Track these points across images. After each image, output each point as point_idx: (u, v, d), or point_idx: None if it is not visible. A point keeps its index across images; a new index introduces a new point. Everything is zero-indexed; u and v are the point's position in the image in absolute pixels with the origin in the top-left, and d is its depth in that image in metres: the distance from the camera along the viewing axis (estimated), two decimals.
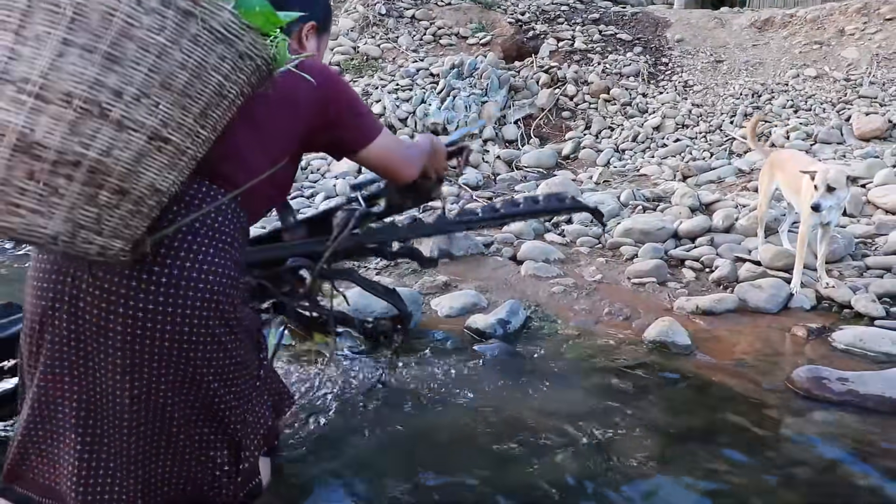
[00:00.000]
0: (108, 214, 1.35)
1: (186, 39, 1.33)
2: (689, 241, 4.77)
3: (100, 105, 1.27)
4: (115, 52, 1.26)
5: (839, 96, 7.85)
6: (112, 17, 1.25)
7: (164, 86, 1.33)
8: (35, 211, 1.28)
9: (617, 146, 7.70)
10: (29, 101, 1.23)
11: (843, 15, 9.60)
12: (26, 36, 1.23)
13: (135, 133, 1.32)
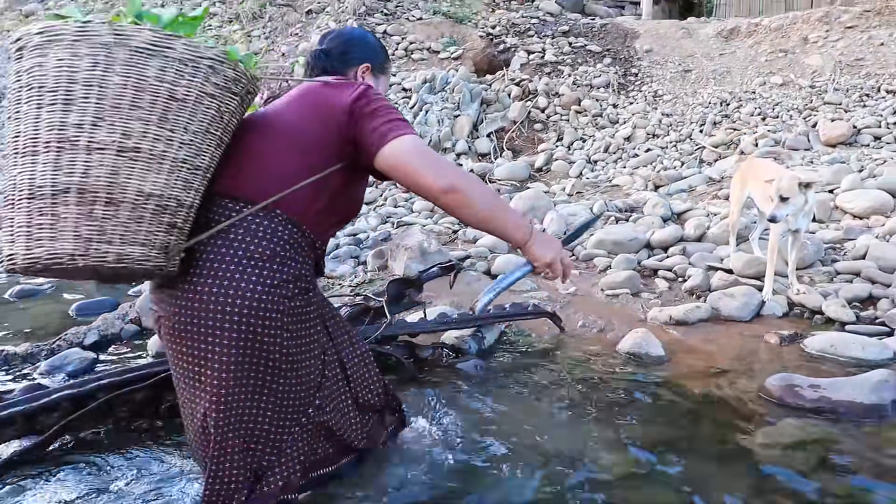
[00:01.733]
0: (109, 224, 1.60)
1: (120, 63, 1.60)
2: (661, 250, 4.81)
3: (68, 139, 1.57)
4: (68, 96, 1.58)
5: (805, 103, 7.96)
6: (59, 72, 1.59)
7: (114, 107, 1.60)
8: (50, 238, 1.57)
9: (589, 157, 7.75)
10: (28, 159, 1.60)
11: (806, 23, 9.75)
12: (19, 117, 1.62)
13: (104, 152, 1.59)
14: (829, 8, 10.15)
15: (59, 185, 1.57)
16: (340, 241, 5.38)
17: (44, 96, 1.60)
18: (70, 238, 1.58)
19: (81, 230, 1.58)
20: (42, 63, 1.61)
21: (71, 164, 1.58)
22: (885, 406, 2.66)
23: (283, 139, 1.87)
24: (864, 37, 9.07)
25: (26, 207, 1.59)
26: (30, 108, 1.62)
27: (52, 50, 1.60)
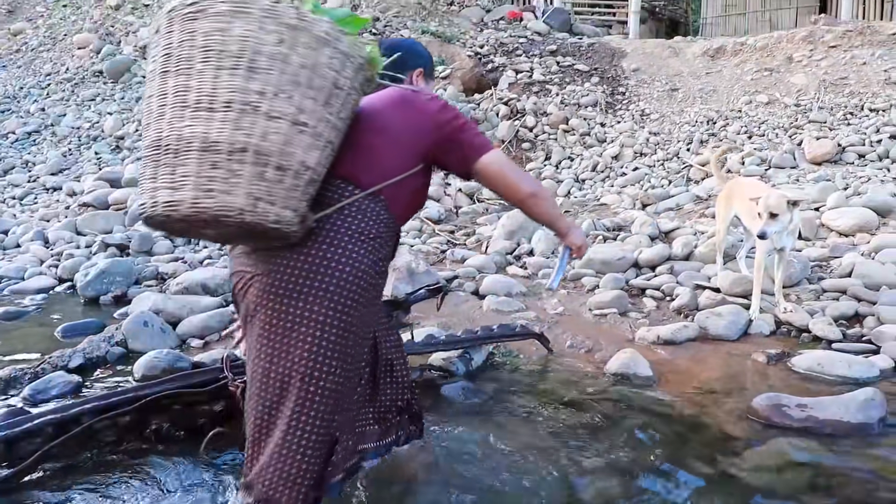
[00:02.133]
0: (276, 188, 1.76)
1: (300, 46, 1.77)
2: (649, 269, 4.82)
3: (256, 105, 1.73)
4: (254, 65, 1.73)
5: (790, 121, 8.02)
6: (250, 42, 1.73)
7: (293, 83, 1.77)
8: (223, 191, 1.70)
9: (577, 176, 7.77)
10: (202, 114, 1.72)
11: (791, 43, 9.85)
12: (192, 73, 1.73)
13: (281, 121, 1.76)
14: (812, 28, 10.25)
15: (238, 143, 1.71)
16: None
17: (225, 60, 1.72)
18: (242, 194, 1.71)
19: (252, 189, 1.72)
20: (225, 30, 1.73)
21: (251, 127, 1.72)
22: (872, 425, 2.66)
23: (387, 136, 2.08)
24: (848, 56, 9.16)
25: (196, 159, 1.71)
26: (206, 68, 1.73)
27: (239, 20, 1.73)
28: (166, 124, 1.75)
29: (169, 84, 1.77)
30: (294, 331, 1.93)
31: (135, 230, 6.77)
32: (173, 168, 1.73)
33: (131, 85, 12.14)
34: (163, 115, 1.77)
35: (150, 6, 14.51)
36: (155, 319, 4.09)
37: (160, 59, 1.80)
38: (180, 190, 1.71)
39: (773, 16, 14.36)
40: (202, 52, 1.73)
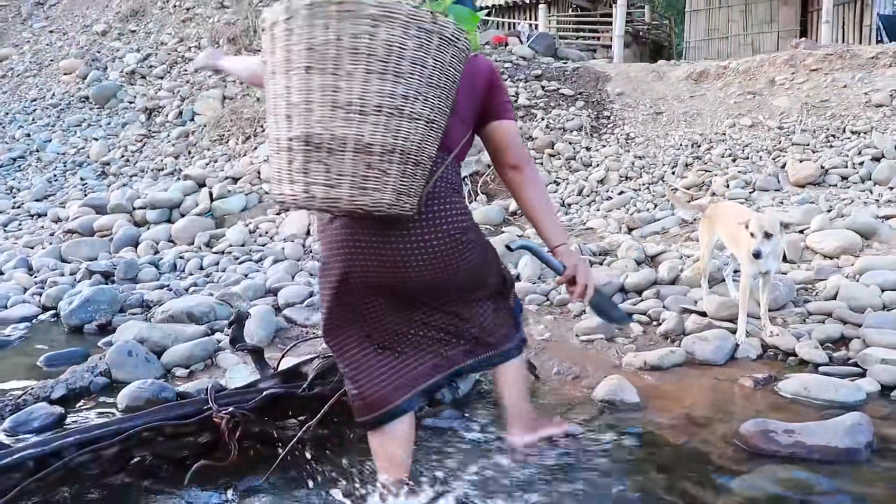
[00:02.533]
0: (413, 181, 1.99)
1: (434, 49, 1.91)
2: (635, 294, 4.82)
3: (401, 108, 1.89)
4: (398, 69, 1.86)
5: (774, 144, 8.09)
6: (395, 46, 1.84)
7: (429, 84, 1.93)
8: (376, 189, 1.91)
9: (563, 200, 7.78)
10: (355, 117, 1.85)
11: (773, 66, 9.96)
12: (340, 74, 1.83)
13: (419, 122, 1.94)
14: (793, 51, 10.37)
15: (388, 145, 1.90)
16: (314, 288, 5.34)
17: (374, 64, 1.84)
18: (390, 191, 1.93)
19: (398, 185, 1.94)
20: (373, 34, 1.83)
21: (397, 130, 1.90)
22: (860, 450, 2.66)
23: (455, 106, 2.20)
24: (829, 79, 9.27)
25: (351, 159, 1.89)
26: (356, 70, 1.84)
27: (384, 24, 1.83)
28: (316, 122, 1.88)
29: (315, 81, 1.86)
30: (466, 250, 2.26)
31: (120, 257, 6.74)
32: (328, 166, 1.89)
33: (117, 111, 12.14)
34: (310, 111, 1.88)
35: (136, 32, 14.53)
36: (139, 349, 4.06)
37: (302, 53, 1.86)
38: (337, 188, 1.90)
39: (754, 39, 14.54)
40: (351, 55, 1.84)
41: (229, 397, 2.85)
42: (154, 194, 8.04)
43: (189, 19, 14.33)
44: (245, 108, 10.63)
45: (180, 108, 11.55)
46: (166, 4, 15.14)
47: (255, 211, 7.74)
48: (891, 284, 4.49)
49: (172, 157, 10.24)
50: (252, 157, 9.00)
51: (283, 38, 1.89)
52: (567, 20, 16.27)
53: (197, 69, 2.62)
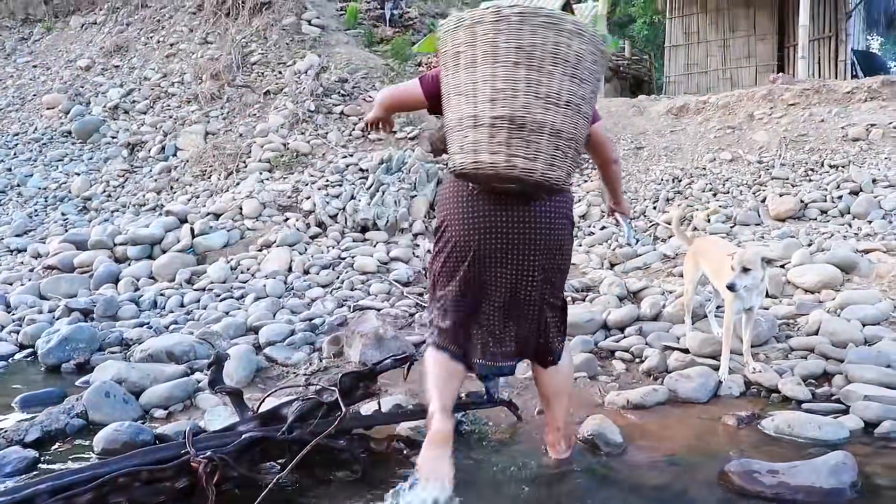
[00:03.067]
0: (573, 164, 2.55)
1: (599, 63, 2.50)
2: (618, 330, 4.82)
3: (578, 106, 2.46)
4: (580, 75, 2.44)
5: (754, 178, 8.16)
6: (581, 57, 2.41)
7: (593, 91, 2.55)
8: (559, 167, 2.47)
9: None
10: (552, 107, 2.40)
11: (751, 101, 10.09)
12: (543, 71, 2.37)
13: (587, 118, 2.54)
14: (771, 86, 10.51)
15: (571, 134, 2.47)
16: (296, 326, 5.30)
17: (568, 69, 2.40)
18: (565, 170, 2.51)
19: (569, 165, 2.52)
20: (569, 44, 2.38)
21: (575, 122, 2.46)
22: (844, 490, 2.66)
23: None
24: (806, 114, 9.39)
25: (546, 140, 2.42)
26: (555, 71, 2.39)
27: (576, 39, 2.40)
28: (521, 106, 2.39)
29: (521, 73, 2.38)
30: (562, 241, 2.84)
31: (99, 294, 6.67)
32: (529, 143, 2.40)
33: (100, 145, 12.10)
34: (516, 97, 2.39)
35: (119, 67, 14.53)
36: (117, 389, 4.00)
37: (511, 50, 2.37)
38: (534, 161, 2.42)
39: (733, 74, 14.73)
40: (552, 57, 2.37)
41: (207, 441, 2.80)
42: (135, 230, 7.97)
43: (173, 55, 14.36)
44: (227, 144, 10.62)
45: (163, 143, 11.52)
46: (150, 40, 15.18)
47: (236, 247, 7.69)
48: (871, 319, 4.52)
49: (154, 192, 10.19)
50: (234, 193, 8.97)
51: (489, 35, 2.40)
52: None
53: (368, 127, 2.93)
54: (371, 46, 14.44)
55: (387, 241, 7.64)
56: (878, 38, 21.42)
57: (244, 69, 13.05)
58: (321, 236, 7.84)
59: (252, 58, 13.33)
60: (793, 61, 13.14)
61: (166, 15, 15.82)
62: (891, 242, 5.98)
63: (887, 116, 8.83)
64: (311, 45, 13.50)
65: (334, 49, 13.44)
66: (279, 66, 13.00)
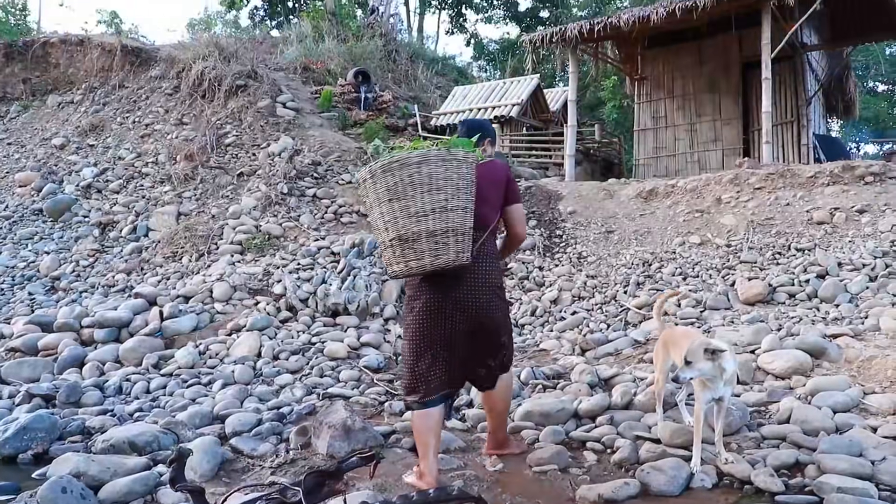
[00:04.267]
0: (464, 244, 3.57)
1: (453, 168, 3.53)
2: (589, 420, 4.77)
3: (443, 208, 3.51)
4: (437, 186, 3.51)
5: (723, 262, 8.25)
6: (430, 174, 3.50)
7: (456, 188, 3.58)
8: (444, 254, 3.51)
9: (517, 321, 7.79)
10: (422, 218, 3.50)
11: (719, 185, 10.29)
12: (408, 197, 3.52)
13: (457, 210, 3.54)
14: (738, 171, 10.74)
15: (443, 229, 3.53)
16: (263, 415, 5.19)
17: (425, 187, 3.52)
18: (452, 253, 3.54)
19: (456, 248, 3.56)
20: (419, 171, 3.51)
21: (447, 218, 3.53)
22: None
23: (486, 196, 3.91)
24: (772, 197, 9.58)
25: (426, 241, 3.52)
26: (416, 193, 3.52)
27: (425, 165, 3.52)
28: (401, 226, 3.55)
29: (395, 205, 3.55)
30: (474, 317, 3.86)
31: (63, 379, 6.52)
32: (414, 249, 3.55)
33: (71, 224, 12.02)
34: (396, 221, 3.56)
35: (94, 146, 14.58)
36: (75, 485, 3.86)
37: (383, 192, 3.58)
38: (421, 260, 3.55)
39: (700, 157, 15.05)
40: (409, 185, 3.52)
41: None
42: (103, 313, 7.86)
43: (148, 135, 14.45)
44: (200, 225, 10.60)
45: (135, 223, 11.48)
46: (126, 120, 15.29)
47: (205, 331, 7.59)
48: (842, 406, 4.54)
49: (124, 273, 10.09)
50: (205, 275, 8.91)
51: (371, 185, 3.63)
52: (520, 139, 16.73)
53: None
54: (345, 129, 14.67)
55: (357, 326, 7.59)
56: (838, 122, 22.09)
57: (218, 150, 13.15)
58: (291, 320, 7.78)
59: (227, 139, 13.46)
60: (758, 145, 13.47)
61: (143, 96, 15.97)
62: (858, 327, 6.04)
63: (849, 200, 9.03)
64: (285, 127, 13.67)
65: (308, 132, 13.62)
66: (253, 147, 13.12)
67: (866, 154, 23.38)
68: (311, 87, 16.60)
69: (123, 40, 17.55)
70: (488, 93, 17.37)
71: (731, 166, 12.69)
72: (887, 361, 5.19)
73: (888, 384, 4.93)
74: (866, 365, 5.28)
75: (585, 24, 13.60)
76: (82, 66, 17.23)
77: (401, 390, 4.22)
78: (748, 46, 14.09)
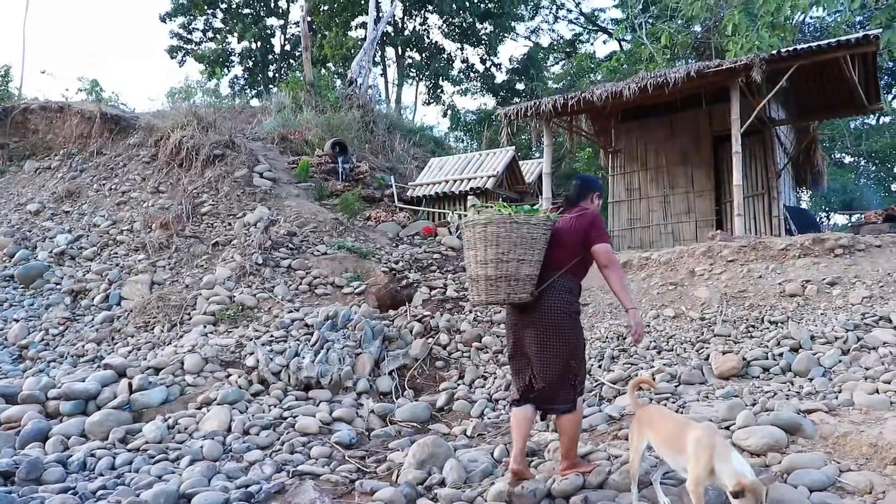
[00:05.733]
0: (523, 287, 4.77)
1: (514, 228, 4.74)
2: (563, 500, 4.69)
3: (499, 259, 4.74)
4: (496, 241, 4.76)
5: (697, 335, 8.26)
6: (496, 233, 4.77)
7: (515, 244, 4.74)
8: (496, 293, 4.80)
9: (490, 396, 7.71)
10: (486, 265, 4.80)
11: (692, 257, 10.38)
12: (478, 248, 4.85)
13: (513, 261, 4.73)
14: (711, 243, 10.86)
15: (501, 276, 4.71)
16: (231, 494, 5.06)
17: (488, 240, 4.74)
18: (503, 294, 4.75)
19: (507, 291, 4.73)
20: (486, 229, 4.76)
21: (503, 267, 4.70)
22: None
23: (566, 242, 4.92)
24: (745, 270, 9.67)
25: (484, 283, 4.80)
26: (481, 245, 4.77)
27: (490, 225, 4.75)
28: (471, 270, 4.86)
29: (470, 252, 4.86)
30: (541, 342, 4.80)
31: (25, 454, 6.33)
32: (478, 287, 4.84)
33: (42, 291, 11.87)
34: (470, 265, 4.90)
35: (70, 213, 14.52)
36: None
37: (469, 240, 4.87)
38: (480, 295, 4.87)
39: (674, 228, 15.21)
40: (480, 239, 4.77)
41: None
42: (70, 384, 7.70)
43: (124, 202, 14.43)
44: (173, 295, 10.51)
45: (107, 291, 11.36)
46: (102, 187, 15.27)
47: (175, 405, 7.45)
48: (818, 485, 4.51)
49: (95, 342, 9.94)
50: (177, 346, 8.79)
51: (468, 232, 4.88)
52: None
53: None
54: (321, 200, 14.73)
55: (330, 400, 7.48)
56: (808, 193, 22.51)
57: (194, 219, 13.14)
58: (263, 394, 7.66)
59: (203, 208, 13.46)
60: (730, 216, 13.68)
61: (120, 163, 16.01)
62: (832, 402, 6.03)
63: (820, 273, 9.14)
64: (261, 197, 13.72)
65: (285, 202, 13.66)
66: (229, 217, 13.12)
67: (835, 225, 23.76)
68: (289, 156, 16.73)
69: (103, 108, 17.64)
70: (464, 164, 17.56)
71: (704, 237, 12.84)
72: (862, 438, 5.17)
73: (864, 461, 4.91)
74: (841, 441, 5.25)
75: (559, 98, 13.85)
76: (61, 133, 17.31)
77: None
78: (718, 121, 14.43)
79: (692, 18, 21.24)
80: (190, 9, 34.17)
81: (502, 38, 34.24)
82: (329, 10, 32.24)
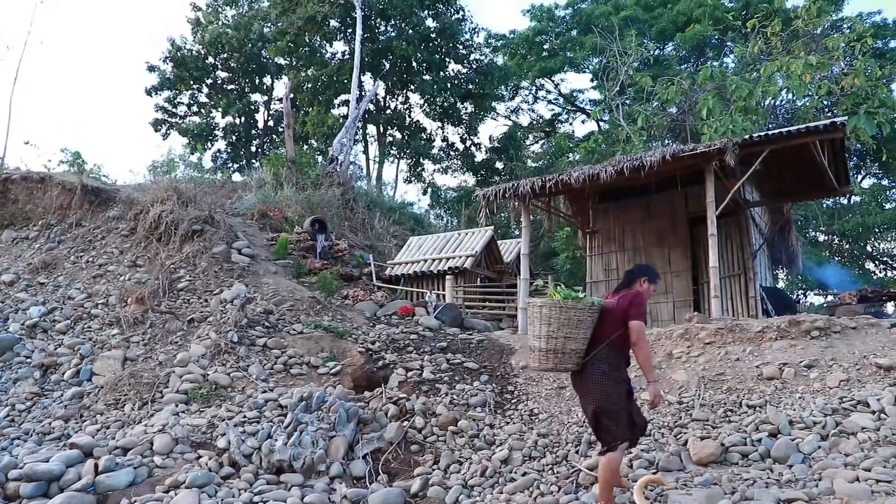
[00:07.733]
0: (571, 359, 6.20)
1: (568, 312, 6.09)
2: None
3: (557, 336, 6.13)
4: (550, 321, 6.17)
5: (675, 420, 8.19)
6: (548, 315, 6.18)
7: (567, 325, 6.11)
8: (546, 363, 6.27)
9: (465, 482, 7.56)
10: (545, 340, 6.19)
11: (669, 339, 10.39)
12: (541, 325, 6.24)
13: (563, 338, 6.11)
14: (688, 325, 10.87)
15: (549, 349, 6.16)
16: None
17: (543, 320, 6.16)
18: (551, 363, 6.22)
19: (555, 361, 6.19)
20: (549, 313, 6.15)
21: (553, 343, 6.12)
22: None
23: (611, 318, 6.21)
24: (722, 352, 9.66)
25: (537, 353, 6.25)
26: (538, 323, 6.20)
27: (545, 308, 6.20)
28: (531, 342, 6.33)
29: (534, 327, 6.23)
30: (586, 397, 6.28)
31: None
32: (534, 356, 6.31)
33: (11, 364, 11.59)
34: (528, 337, 6.47)
35: (45, 285, 14.34)
36: None
37: (535, 316, 6.23)
38: (534, 362, 6.36)
39: (652, 309, 15.24)
40: (538, 318, 6.19)
41: None
42: (33, 465, 7.47)
43: (100, 275, 14.29)
44: (145, 372, 10.32)
45: (79, 366, 11.13)
46: (79, 259, 15.15)
47: (142, 487, 7.23)
48: None
49: (62, 419, 9.68)
50: (147, 426, 8.58)
51: (532, 311, 6.25)
52: (473, 291, 16.88)
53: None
54: (299, 277, 14.69)
55: (302, 485, 7.30)
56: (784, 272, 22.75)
57: (170, 295, 13.03)
58: (233, 477, 7.47)
59: (179, 283, 13.36)
60: (707, 297, 13.76)
61: (99, 235, 15.92)
62: (812, 490, 5.99)
63: (797, 355, 9.14)
64: (239, 273, 13.66)
65: (262, 279, 13.60)
66: (206, 293, 13.02)
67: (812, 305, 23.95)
68: (268, 233, 16.75)
69: (84, 180, 17.65)
70: (443, 243, 17.65)
71: (681, 318, 12.88)
72: None
73: None
74: None
75: (538, 180, 14.06)
76: (41, 203, 17.24)
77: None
78: (694, 202, 14.66)
79: (667, 101, 21.80)
80: (176, 83, 34.68)
81: (482, 117, 34.91)
82: (312, 87, 32.81)
